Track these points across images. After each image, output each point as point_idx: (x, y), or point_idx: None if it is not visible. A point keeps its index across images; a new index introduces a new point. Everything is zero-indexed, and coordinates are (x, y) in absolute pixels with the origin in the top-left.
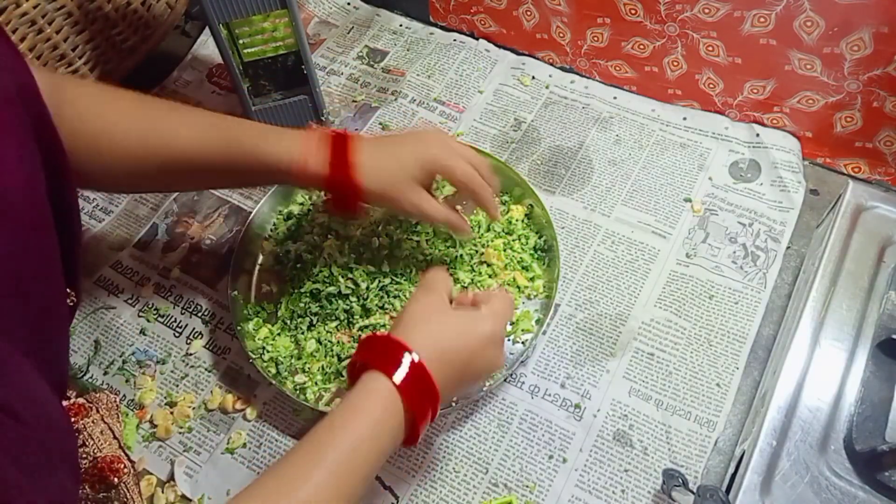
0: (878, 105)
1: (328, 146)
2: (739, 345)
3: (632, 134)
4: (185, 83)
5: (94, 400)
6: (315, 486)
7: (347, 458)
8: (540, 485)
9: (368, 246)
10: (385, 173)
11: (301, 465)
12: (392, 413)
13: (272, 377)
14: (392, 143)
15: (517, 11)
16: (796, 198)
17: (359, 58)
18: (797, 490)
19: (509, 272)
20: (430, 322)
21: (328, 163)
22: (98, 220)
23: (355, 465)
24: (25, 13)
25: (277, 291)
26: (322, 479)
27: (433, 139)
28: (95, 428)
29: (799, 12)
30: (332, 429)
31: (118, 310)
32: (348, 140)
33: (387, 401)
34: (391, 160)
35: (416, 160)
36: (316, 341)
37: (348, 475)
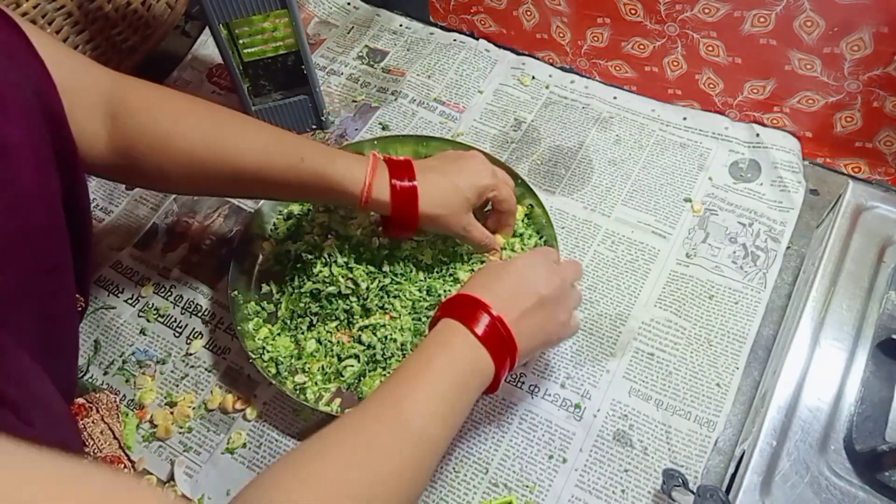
0: (878, 105)
1: (390, 169)
2: (739, 345)
3: (632, 134)
4: (185, 83)
5: (94, 400)
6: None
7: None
8: (540, 485)
9: (368, 246)
10: (443, 201)
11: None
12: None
13: (272, 377)
14: (447, 172)
15: (517, 11)
16: (796, 198)
17: (359, 58)
18: (797, 490)
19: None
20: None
21: (391, 189)
22: (98, 220)
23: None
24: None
25: (277, 291)
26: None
27: (481, 166)
28: (95, 428)
29: (799, 12)
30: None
31: (118, 310)
32: (410, 165)
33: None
34: (450, 189)
35: (473, 188)
36: (316, 341)
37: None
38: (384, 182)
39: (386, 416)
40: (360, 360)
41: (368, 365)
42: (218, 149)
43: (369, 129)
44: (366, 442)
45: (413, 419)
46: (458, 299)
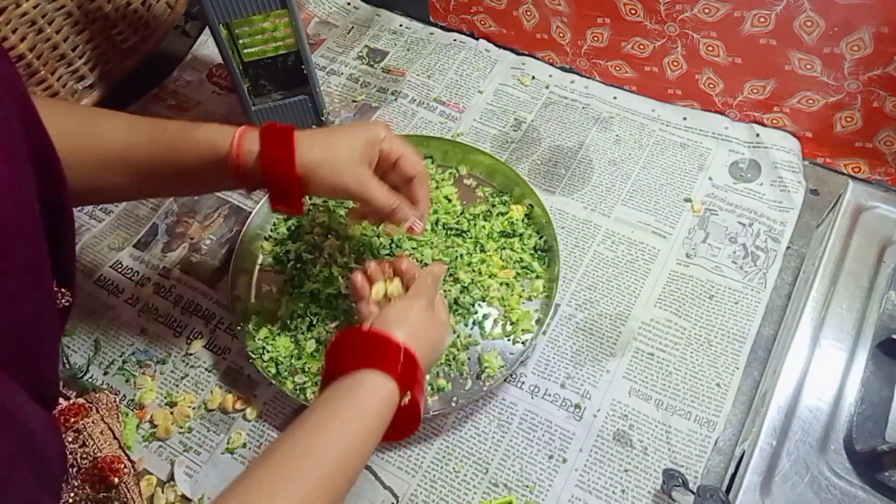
0: (878, 105)
1: (261, 129)
2: (739, 345)
3: (632, 134)
4: (185, 83)
5: (94, 400)
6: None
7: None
8: (540, 485)
9: (368, 246)
10: (325, 147)
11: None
12: (390, 406)
13: (272, 377)
14: (333, 128)
15: (517, 11)
16: (796, 198)
17: (359, 58)
18: (797, 490)
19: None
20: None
21: (260, 140)
22: (98, 220)
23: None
24: (25, 13)
25: (277, 291)
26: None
27: (375, 123)
28: (95, 428)
29: (799, 12)
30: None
31: (118, 310)
32: (287, 126)
33: (389, 395)
34: (333, 137)
35: (360, 135)
36: (316, 341)
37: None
38: (254, 139)
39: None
40: None
41: None
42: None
43: None
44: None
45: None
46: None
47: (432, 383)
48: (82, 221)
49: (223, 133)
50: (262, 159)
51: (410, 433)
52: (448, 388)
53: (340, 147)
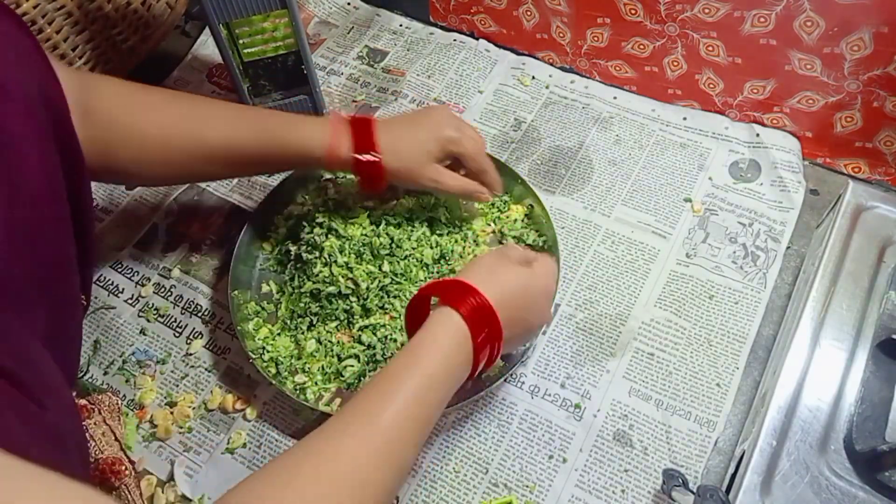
0: (878, 105)
1: (352, 131)
2: (739, 345)
3: (632, 134)
4: (185, 83)
5: (96, 401)
6: (392, 416)
7: (422, 390)
8: (540, 485)
9: (368, 246)
10: (405, 154)
11: (378, 398)
12: (462, 347)
13: (272, 377)
14: (410, 125)
15: (517, 11)
16: (796, 198)
17: (359, 58)
18: (797, 490)
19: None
20: (496, 272)
21: (352, 147)
22: (98, 220)
23: (429, 396)
24: (25, 13)
25: (277, 291)
26: (398, 409)
27: (445, 119)
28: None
29: (799, 12)
30: (406, 364)
31: (118, 310)
32: (371, 124)
33: (458, 335)
34: (411, 141)
35: (434, 139)
36: (316, 341)
37: (423, 406)
38: (346, 141)
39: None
40: (361, 360)
41: (368, 365)
42: (188, 131)
43: None
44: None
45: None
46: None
47: None
48: None
49: (317, 138)
50: (355, 166)
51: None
52: None
53: (417, 152)
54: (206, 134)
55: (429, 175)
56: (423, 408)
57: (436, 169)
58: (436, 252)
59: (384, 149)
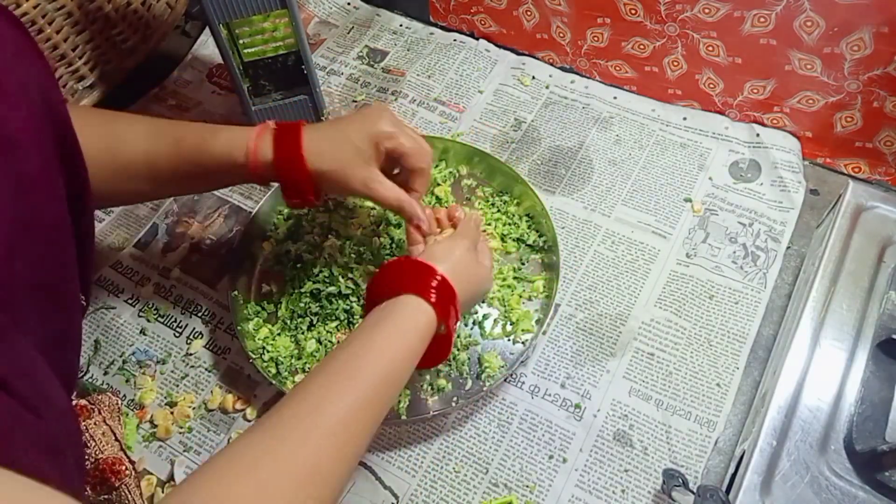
0: (878, 105)
1: (273, 134)
2: (739, 345)
3: (632, 134)
4: (185, 83)
5: (97, 402)
6: (348, 406)
7: (384, 378)
8: (540, 485)
9: (369, 246)
10: (332, 153)
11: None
12: (428, 330)
13: (272, 377)
14: (339, 123)
15: (517, 11)
16: (796, 198)
17: (359, 58)
18: (797, 490)
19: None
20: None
21: (273, 148)
22: (98, 220)
23: (391, 384)
24: (25, 13)
25: (277, 291)
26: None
27: (380, 115)
28: (97, 430)
29: (799, 12)
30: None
31: (118, 310)
32: (296, 127)
33: (426, 319)
34: (339, 139)
35: (365, 136)
36: (316, 341)
37: (383, 395)
38: (268, 145)
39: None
40: None
41: None
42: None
43: None
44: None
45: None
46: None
47: (432, 383)
48: None
49: (238, 142)
50: (276, 168)
51: (440, 361)
52: (448, 388)
53: (346, 151)
54: (120, 149)
55: (360, 177)
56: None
57: (369, 172)
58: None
59: (309, 150)
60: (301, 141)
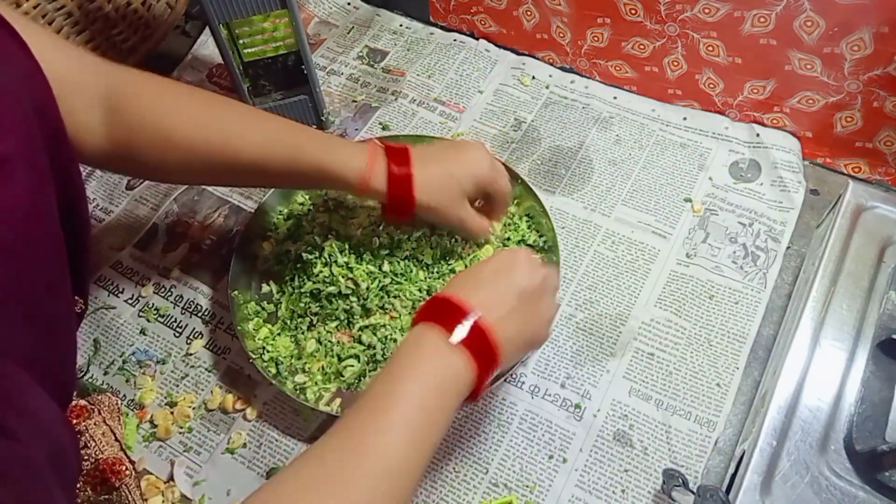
0: (878, 105)
1: (389, 161)
2: (739, 345)
3: (632, 134)
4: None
5: (97, 402)
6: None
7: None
8: (540, 485)
9: (369, 246)
10: (440, 191)
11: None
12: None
13: (272, 377)
14: (445, 161)
15: (517, 11)
16: (796, 198)
17: (359, 58)
18: (797, 490)
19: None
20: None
21: (387, 178)
22: (98, 220)
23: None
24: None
25: (277, 291)
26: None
27: (482, 158)
28: (97, 430)
29: (799, 12)
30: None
31: (118, 310)
32: (407, 159)
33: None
34: (447, 178)
35: (471, 179)
36: (316, 341)
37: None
38: (381, 171)
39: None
40: (361, 360)
41: (369, 365)
42: (218, 144)
43: (369, 129)
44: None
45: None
46: (435, 303)
47: None
48: None
49: (353, 164)
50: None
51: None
52: None
53: (452, 191)
54: (237, 148)
55: (458, 214)
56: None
57: (465, 209)
58: (436, 252)
59: (419, 184)
60: (412, 178)
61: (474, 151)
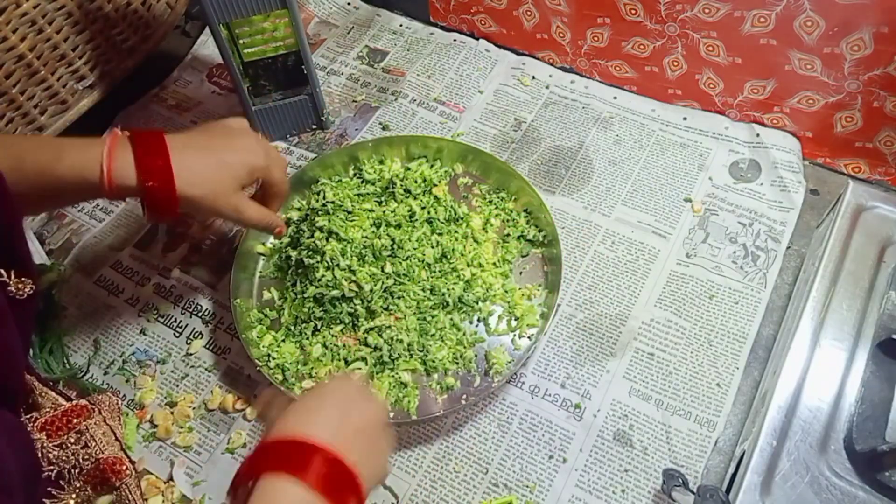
0: (878, 105)
1: (136, 150)
2: (739, 345)
3: (632, 134)
4: (185, 83)
5: (97, 402)
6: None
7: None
8: (540, 485)
9: (370, 248)
10: (206, 179)
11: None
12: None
13: (279, 383)
14: (210, 147)
15: (517, 11)
16: (796, 198)
17: (359, 58)
18: (797, 490)
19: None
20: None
21: (136, 169)
22: (98, 220)
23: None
24: (25, 13)
25: (279, 297)
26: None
27: (254, 144)
28: (98, 429)
29: (799, 12)
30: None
31: (118, 310)
32: (160, 140)
33: None
34: (216, 166)
35: (244, 166)
36: (322, 346)
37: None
38: (128, 164)
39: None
40: (368, 362)
41: (376, 367)
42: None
43: (369, 129)
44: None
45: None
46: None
47: (441, 382)
48: (82, 221)
49: (91, 158)
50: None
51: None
52: (457, 385)
53: (223, 180)
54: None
55: (232, 203)
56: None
57: (238, 198)
58: (437, 251)
59: (180, 173)
60: (171, 171)
61: (247, 139)
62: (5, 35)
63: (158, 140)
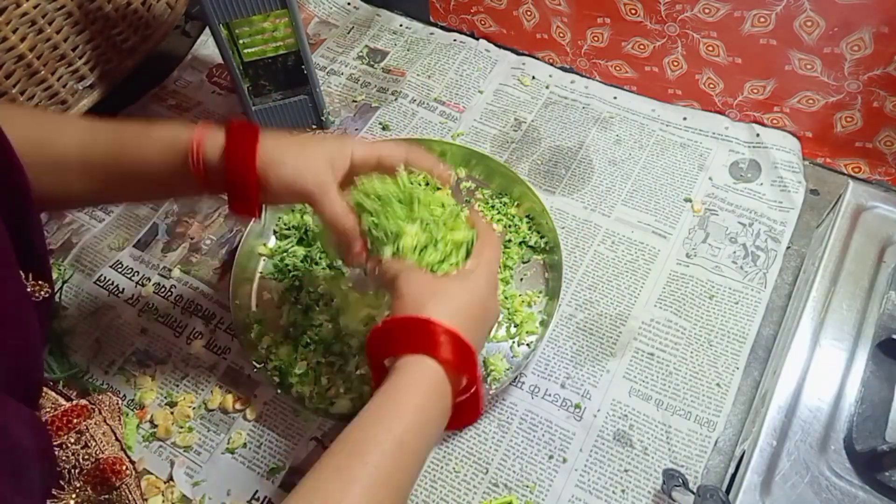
0: (878, 105)
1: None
2: (739, 345)
3: (632, 134)
4: (185, 83)
5: (97, 402)
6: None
7: (392, 455)
8: (540, 485)
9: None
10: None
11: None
12: (439, 395)
13: (277, 386)
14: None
15: (517, 11)
16: (796, 198)
17: (359, 58)
18: (797, 490)
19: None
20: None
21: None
22: (98, 220)
23: (402, 461)
24: (25, 13)
25: (279, 299)
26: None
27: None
28: (98, 430)
29: (799, 12)
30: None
31: (118, 310)
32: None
33: (433, 382)
34: (304, 141)
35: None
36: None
37: (395, 472)
38: (217, 137)
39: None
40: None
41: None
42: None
43: (369, 129)
44: None
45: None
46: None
47: None
48: (82, 221)
49: (184, 129)
50: (225, 150)
51: (472, 421)
52: None
53: (309, 151)
54: (55, 139)
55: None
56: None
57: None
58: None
59: (268, 157)
60: (256, 133)
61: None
62: (5, 35)
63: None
